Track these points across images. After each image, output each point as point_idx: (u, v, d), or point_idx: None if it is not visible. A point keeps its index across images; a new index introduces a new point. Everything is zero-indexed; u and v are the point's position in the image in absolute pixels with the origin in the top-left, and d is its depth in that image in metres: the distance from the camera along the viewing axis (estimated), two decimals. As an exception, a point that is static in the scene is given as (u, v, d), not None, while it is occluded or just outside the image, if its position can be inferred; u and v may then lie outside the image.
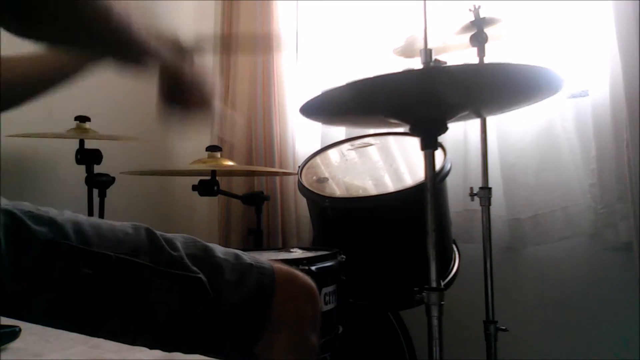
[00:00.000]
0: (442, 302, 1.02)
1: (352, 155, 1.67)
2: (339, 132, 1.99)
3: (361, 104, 1.04)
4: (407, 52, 1.47)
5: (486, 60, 1.43)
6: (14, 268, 0.62)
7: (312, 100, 1.00)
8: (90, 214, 1.63)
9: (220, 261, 0.74)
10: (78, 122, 1.62)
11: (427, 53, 1.03)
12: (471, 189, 1.50)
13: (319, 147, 1.90)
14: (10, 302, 0.62)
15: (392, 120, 1.09)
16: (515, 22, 1.45)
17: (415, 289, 1.06)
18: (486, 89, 1.00)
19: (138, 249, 0.70)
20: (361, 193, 1.48)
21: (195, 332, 0.71)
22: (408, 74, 0.97)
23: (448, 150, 1.53)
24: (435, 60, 1.07)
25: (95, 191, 1.65)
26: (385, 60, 1.87)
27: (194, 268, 0.71)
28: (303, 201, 1.85)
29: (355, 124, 1.48)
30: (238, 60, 2.20)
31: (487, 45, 1.43)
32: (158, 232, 0.74)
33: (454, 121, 1.07)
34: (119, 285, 0.67)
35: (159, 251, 0.71)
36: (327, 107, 1.09)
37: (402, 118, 1.07)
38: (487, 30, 1.41)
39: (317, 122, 1.47)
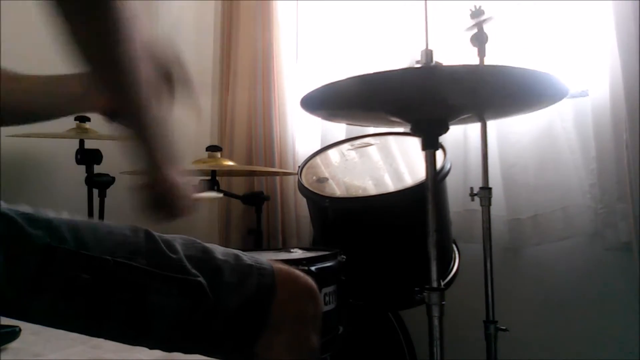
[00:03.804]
0: (443, 302, 1.02)
1: (352, 155, 1.67)
2: (339, 132, 1.99)
3: (363, 100, 1.03)
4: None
5: (487, 60, 1.43)
6: (11, 273, 0.61)
7: (313, 92, 0.99)
8: (90, 214, 1.63)
9: (220, 263, 0.74)
10: (78, 122, 1.61)
11: (428, 53, 1.03)
12: (471, 189, 1.50)
13: (319, 147, 1.90)
14: (8, 306, 0.62)
15: (394, 119, 1.09)
16: (515, 22, 1.45)
17: (415, 288, 1.06)
18: (488, 90, 1.00)
19: (136, 252, 0.69)
20: (361, 193, 1.48)
21: (195, 335, 0.70)
22: (410, 71, 0.97)
23: (448, 150, 1.52)
24: (435, 62, 1.07)
25: (95, 191, 1.65)
26: (385, 60, 1.88)
27: (194, 271, 0.71)
28: (303, 201, 1.85)
29: (356, 120, 1.48)
30: (238, 60, 2.20)
31: (487, 46, 1.43)
32: (157, 234, 0.73)
33: (456, 123, 1.07)
34: (118, 290, 0.66)
35: (157, 254, 0.70)
36: (328, 101, 1.08)
37: (404, 117, 1.07)
38: (488, 31, 1.41)
39: (317, 116, 1.46)
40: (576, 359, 1.63)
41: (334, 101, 1.08)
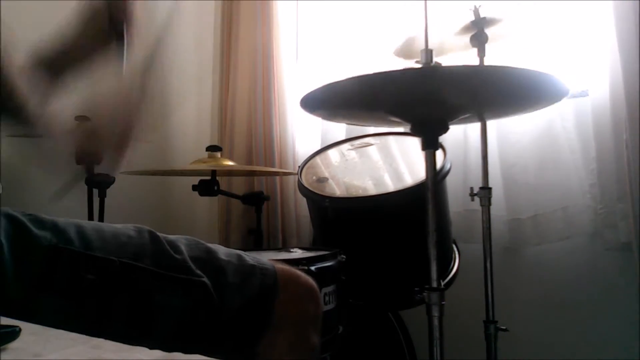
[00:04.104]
0: (443, 302, 1.02)
1: (352, 155, 1.67)
2: (339, 132, 1.99)
3: (363, 100, 1.03)
4: (406, 52, 1.47)
5: (486, 60, 1.43)
6: (17, 273, 0.62)
7: (313, 92, 0.99)
8: (91, 214, 1.63)
9: (223, 263, 0.74)
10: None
11: (428, 53, 1.03)
12: (471, 189, 1.50)
13: (319, 147, 1.90)
14: (13, 306, 0.62)
15: (394, 119, 1.09)
16: (515, 22, 1.45)
17: (415, 288, 1.06)
18: (488, 91, 1.00)
19: (141, 253, 0.69)
20: (361, 193, 1.48)
21: (198, 334, 0.71)
22: (410, 72, 0.97)
23: (448, 150, 1.53)
24: (435, 62, 1.07)
25: (95, 191, 1.65)
26: (386, 60, 1.87)
27: (198, 272, 0.71)
28: (303, 201, 1.85)
29: (356, 120, 1.48)
30: (238, 60, 2.20)
31: (487, 46, 1.43)
32: (161, 235, 0.73)
33: (456, 123, 1.07)
34: (122, 290, 0.67)
35: (162, 255, 0.70)
36: (328, 101, 1.08)
37: (404, 117, 1.07)
38: (488, 31, 1.41)
39: (317, 116, 1.46)
40: (576, 359, 1.63)
41: (334, 101, 1.08)
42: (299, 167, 1.67)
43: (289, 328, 0.75)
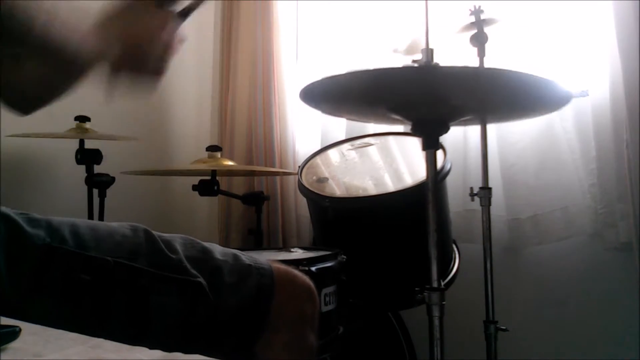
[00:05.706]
0: (443, 302, 1.02)
1: (352, 155, 1.67)
2: (339, 132, 1.99)
3: (364, 95, 1.03)
4: (409, 50, 1.47)
5: (486, 61, 1.43)
6: (11, 272, 0.61)
7: (314, 83, 0.97)
8: (90, 214, 1.63)
9: (219, 263, 0.74)
10: (78, 122, 1.61)
11: (429, 52, 1.03)
12: (471, 189, 1.50)
13: (319, 147, 1.89)
14: (8, 305, 0.62)
15: (395, 116, 1.09)
16: (515, 22, 1.45)
17: (416, 288, 1.06)
18: (489, 93, 0.99)
19: (136, 252, 0.69)
20: (361, 193, 1.48)
21: (194, 335, 0.70)
22: (410, 69, 0.96)
23: (448, 150, 1.53)
24: (434, 62, 1.07)
25: (95, 191, 1.65)
26: (385, 60, 1.87)
27: (193, 271, 0.71)
28: (303, 201, 1.85)
29: (356, 115, 1.47)
30: (238, 60, 2.20)
31: (487, 46, 1.43)
32: (156, 234, 0.73)
33: (457, 124, 1.07)
34: (118, 290, 0.66)
35: (157, 254, 0.70)
36: (329, 94, 1.07)
37: (405, 115, 1.07)
38: (488, 31, 1.41)
39: (316, 109, 1.45)
40: (576, 359, 1.63)
41: (334, 94, 1.07)
42: (299, 167, 1.67)
43: (286, 328, 0.75)
